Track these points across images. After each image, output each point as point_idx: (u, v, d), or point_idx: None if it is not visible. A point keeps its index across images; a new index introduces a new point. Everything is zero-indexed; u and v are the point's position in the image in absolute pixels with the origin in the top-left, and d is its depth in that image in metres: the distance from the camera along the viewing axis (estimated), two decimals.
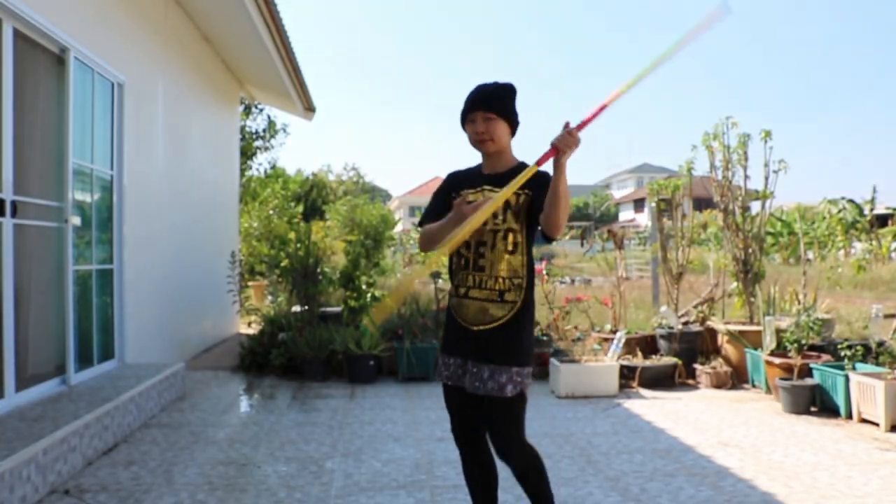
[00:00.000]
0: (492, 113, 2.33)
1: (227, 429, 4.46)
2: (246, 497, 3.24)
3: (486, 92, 2.36)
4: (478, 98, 2.35)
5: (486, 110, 2.33)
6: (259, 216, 13.19)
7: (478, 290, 2.33)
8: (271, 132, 14.42)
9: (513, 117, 2.39)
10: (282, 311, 7.07)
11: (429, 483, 3.44)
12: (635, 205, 52.85)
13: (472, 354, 2.35)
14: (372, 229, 9.89)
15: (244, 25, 6.57)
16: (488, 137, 2.34)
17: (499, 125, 2.35)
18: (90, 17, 4.72)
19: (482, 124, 2.34)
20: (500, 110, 2.35)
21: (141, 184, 5.59)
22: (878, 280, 13.81)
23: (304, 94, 9.28)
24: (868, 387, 4.50)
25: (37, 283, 4.17)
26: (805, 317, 5.33)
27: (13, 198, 3.78)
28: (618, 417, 4.82)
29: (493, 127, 2.34)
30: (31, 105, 4.08)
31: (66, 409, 3.80)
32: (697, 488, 3.37)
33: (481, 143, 2.37)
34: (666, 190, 7.11)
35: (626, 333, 6.22)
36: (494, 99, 2.35)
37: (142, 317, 5.59)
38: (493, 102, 2.34)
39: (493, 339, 2.32)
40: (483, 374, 2.31)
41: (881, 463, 3.75)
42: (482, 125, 2.33)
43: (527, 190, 2.30)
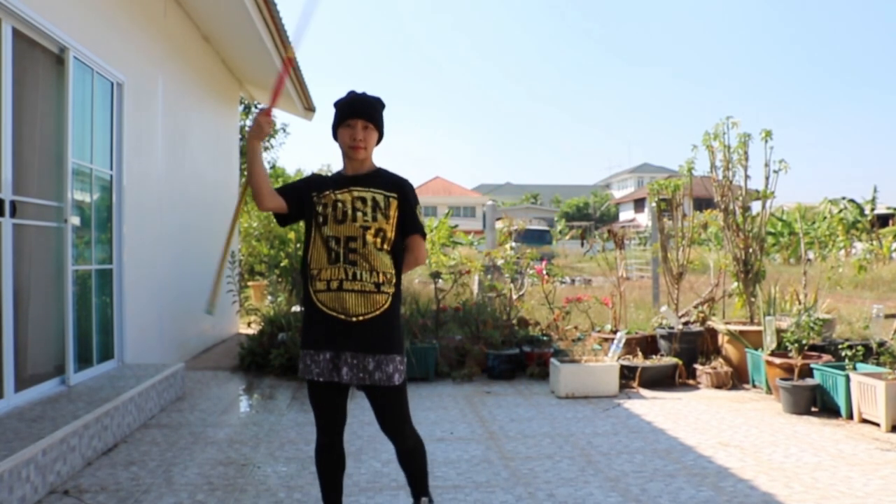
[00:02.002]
0: (370, 123, 2.48)
1: (227, 429, 4.45)
2: (246, 497, 3.23)
3: (367, 102, 2.49)
4: (359, 107, 2.48)
5: (366, 119, 2.48)
6: (259, 216, 13.19)
7: (352, 282, 2.39)
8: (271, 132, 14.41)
9: (382, 129, 2.56)
10: (281, 311, 7.06)
11: (429, 483, 3.43)
12: (635, 205, 52.84)
13: (350, 346, 2.39)
14: None
15: (244, 25, 6.57)
16: (363, 145, 2.48)
17: (373, 135, 2.50)
18: (90, 17, 4.72)
19: (361, 132, 2.47)
20: (376, 121, 2.50)
21: (140, 184, 5.58)
22: (879, 280, 13.81)
23: (304, 94, 9.28)
24: (869, 387, 4.50)
25: (36, 283, 4.16)
26: (806, 317, 5.32)
27: (12, 198, 3.77)
28: (618, 418, 4.81)
29: (369, 136, 2.49)
30: (30, 105, 4.08)
31: (66, 409, 3.79)
32: (698, 489, 3.37)
33: (355, 150, 2.48)
34: (666, 190, 7.11)
35: (627, 333, 6.21)
36: (374, 110, 2.50)
37: (141, 317, 5.58)
38: (373, 113, 2.50)
39: (375, 329, 2.41)
40: (367, 364, 2.40)
41: (882, 463, 3.74)
42: (361, 133, 2.47)
43: (394, 193, 2.48)
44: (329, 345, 2.42)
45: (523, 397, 5.45)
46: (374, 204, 2.45)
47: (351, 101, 2.50)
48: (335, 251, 2.42)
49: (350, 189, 2.47)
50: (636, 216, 50.18)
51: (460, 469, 3.64)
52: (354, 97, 2.51)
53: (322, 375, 2.42)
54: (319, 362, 2.43)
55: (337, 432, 2.54)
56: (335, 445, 2.55)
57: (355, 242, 2.41)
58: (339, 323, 2.40)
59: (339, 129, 2.50)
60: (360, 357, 2.40)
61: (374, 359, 2.40)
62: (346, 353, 2.40)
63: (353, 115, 2.46)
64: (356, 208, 2.43)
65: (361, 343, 2.40)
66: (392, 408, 2.49)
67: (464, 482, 3.44)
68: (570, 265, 20.98)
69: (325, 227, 2.44)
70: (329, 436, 2.53)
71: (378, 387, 2.42)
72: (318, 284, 2.44)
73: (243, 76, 9.25)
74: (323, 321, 2.43)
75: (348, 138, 2.47)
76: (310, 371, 2.45)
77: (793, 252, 22.30)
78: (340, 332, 2.40)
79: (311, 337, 2.47)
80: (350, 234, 2.41)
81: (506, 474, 3.59)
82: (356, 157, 2.49)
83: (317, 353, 2.44)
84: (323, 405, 2.51)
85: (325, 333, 2.42)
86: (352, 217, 2.42)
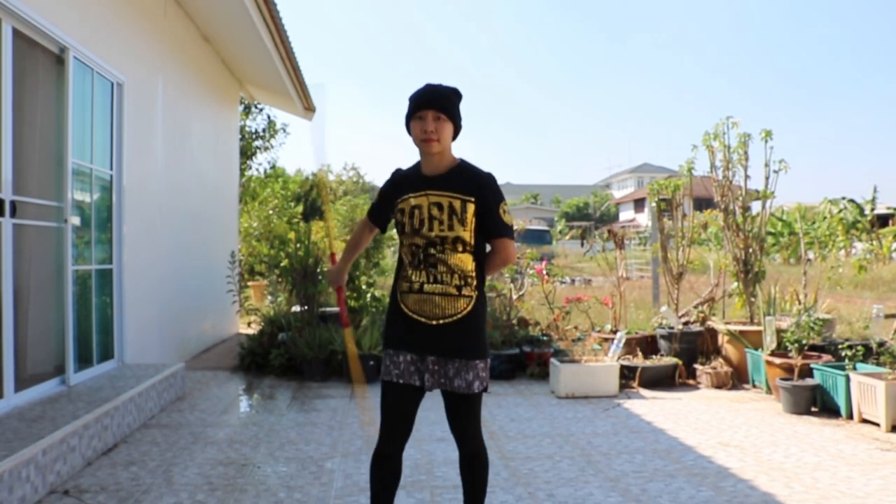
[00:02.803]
0: (442, 113, 2.34)
1: (227, 429, 4.45)
2: (246, 497, 3.23)
3: (438, 92, 2.37)
4: (430, 97, 2.35)
5: (437, 110, 2.34)
6: (259, 216, 13.19)
7: (433, 284, 2.33)
8: (271, 132, 14.40)
9: (458, 121, 2.41)
10: (281, 312, 7.06)
11: (429, 483, 3.44)
12: (635, 205, 52.83)
13: (432, 350, 2.33)
14: None
15: (244, 25, 6.57)
16: (435, 137, 2.33)
17: (447, 126, 2.36)
18: (90, 17, 4.72)
19: (432, 123, 2.33)
20: (449, 112, 2.36)
21: (140, 184, 5.58)
22: (879, 280, 13.82)
23: (303, 94, 9.28)
24: (869, 387, 4.50)
25: (36, 283, 4.16)
26: (806, 317, 5.32)
27: (12, 198, 3.77)
28: (618, 418, 4.81)
29: (442, 127, 2.35)
30: (30, 105, 4.08)
31: (66, 409, 3.79)
32: (698, 489, 3.37)
33: (427, 143, 2.35)
34: (666, 190, 7.11)
35: (627, 333, 6.21)
36: (445, 100, 2.36)
37: (141, 317, 5.58)
38: (445, 103, 2.35)
39: (456, 333, 2.33)
40: (448, 370, 2.33)
41: (882, 463, 3.74)
42: (432, 124, 2.33)
43: (471, 197, 2.35)
44: (410, 347, 2.35)
45: (523, 397, 5.45)
46: (450, 210, 2.34)
47: (421, 92, 2.38)
48: (417, 255, 2.37)
49: (426, 193, 2.37)
50: (636, 216, 50.16)
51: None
52: (426, 88, 2.40)
53: (402, 377, 2.35)
54: (399, 363, 2.36)
55: (401, 442, 2.41)
56: (395, 456, 2.41)
57: (434, 248, 2.34)
58: (421, 326, 2.34)
59: (410, 123, 2.40)
60: (441, 362, 2.33)
61: (455, 365, 2.32)
62: (428, 357, 2.34)
63: (422, 105, 2.34)
64: (432, 216, 2.34)
65: (443, 347, 2.32)
66: (466, 413, 2.40)
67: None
68: (570, 265, 20.99)
69: (404, 236, 2.39)
70: (393, 444, 2.39)
71: (457, 394, 2.34)
72: (403, 285, 2.40)
73: (243, 76, 9.25)
74: (405, 322, 2.37)
75: (419, 131, 2.35)
76: (389, 372, 2.37)
77: (793, 252, 22.30)
78: (422, 335, 2.34)
79: (392, 337, 2.41)
80: (427, 242, 2.35)
81: (506, 474, 3.58)
82: (430, 151, 2.37)
83: (396, 353, 2.37)
84: (395, 410, 2.39)
85: (407, 335, 2.36)
86: (428, 226, 2.34)
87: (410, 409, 2.40)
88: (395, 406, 2.39)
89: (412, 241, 2.37)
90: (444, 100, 2.35)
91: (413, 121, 2.37)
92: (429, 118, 2.33)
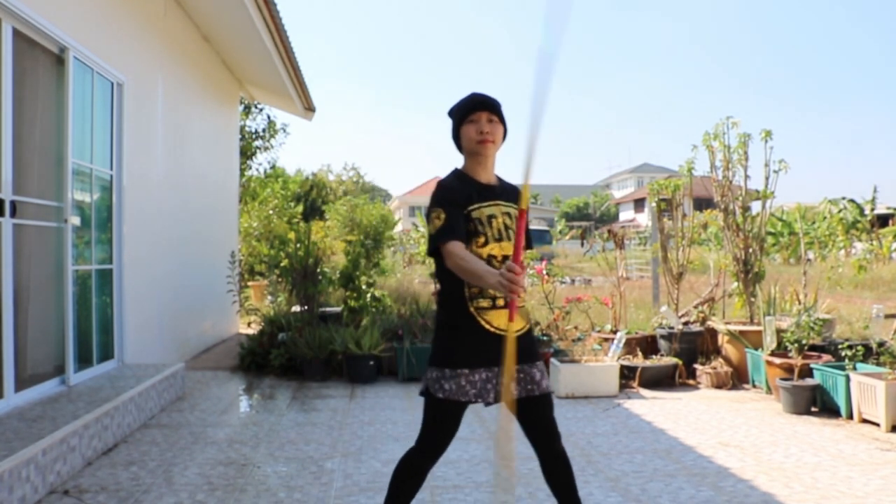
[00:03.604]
0: (495, 116, 2.37)
1: (227, 429, 4.45)
2: (246, 497, 3.23)
3: (489, 97, 2.41)
4: (484, 100, 2.39)
5: (490, 112, 2.36)
6: (259, 216, 13.20)
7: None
8: (271, 132, 14.41)
9: (507, 126, 2.44)
10: (282, 312, 7.07)
11: (429, 483, 3.44)
12: (635, 205, 52.85)
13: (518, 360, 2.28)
14: (372, 229, 9.88)
15: (244, 25, 6.57)
16: (491, 139, 2.35)
17: (499, 129, 2.38)
18: (90, 17, 4.72)
19: (487, 125, 2.35)
20: (501, 116, 2.40)
21: (140, 184, 5.59)
22: (879, 280, 13.81)
23: (303, 94, 9.28)
24: (869, 387, 4.50)
25: (36, 283, 4.16)
26: (806, 317, 5.32)
27: (12, 198, 3.77)
28: (618, 418, 4.81)
29: (496, 129, 2.37)
30: (30, 105, 4.08)
31: (66, 409, 3.79)
32: (698, 489, 3.37)
33: (484, 144, 2.34)
34: (666, 190, 7.11)
35: (627, 333, 6.21)
36: (497, 104, 2.40)
37: (141, 317, 5.58)
38: (497, 107, 2.39)
39: (529, 340, 2.40)
40: (534, 375, 2.36)
41: (882, 463, 3.74)
42: (488, 126, 2.35)
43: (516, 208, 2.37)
44: (491, 362, 2.30)
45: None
46: (514, 220, 2.36)
47: (471, 96, 2.41)
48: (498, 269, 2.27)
49: (496, 202, 2.38)
50: (636, 216, 50.18)
51: (460, 469, 3.64)
52: (473, 94, 2.43)
53: (479, 396, 2.31)
54: (476, 383, 2.30)
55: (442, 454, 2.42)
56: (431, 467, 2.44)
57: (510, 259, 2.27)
58: (498, 339, 2.26)
59: (462, 128, 2.38)
60: (526, 369, 2.35)
61: (539, 367, 2.38)
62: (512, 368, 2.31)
63: (476, 108, 2.36)
64: (507, 225, 2.36)
65: (525, 355, 2.34)
66: (550, 413, 2.41)
67: (464, 482, 3.44)
68: (569, 265, 20.99)
69: (487, 247, 2.32)
70: (436, 458, 2.40)
71: (546, 394, 2.37)
72: (482, 302, 2.31)
73: (243, 76, 9.25)
74: (486, 339, 2.30)
75: (474, 133, 2.34)
76: (465, 392, 2.29)
77: (793, 252, 22.31)
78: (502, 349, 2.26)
79: (467, 356, 2.31)
80: (507, 252, 2.34)
81: (506, 474, 3.58)
82: (486, 153, 2.35)
83: (472, 372, 2.30)
84: (455, 426, 2.37)
85: (487, 351, 2.30)
86: (507, 235, 2.35)
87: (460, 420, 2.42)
88: (454, 423, 2.38)
89: (495, 253, 2.33)
90: (496, 104, 2.40)
91: (465, 125, 2.37)
92: (483, 120, 2.35)
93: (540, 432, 2.40)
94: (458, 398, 2.30)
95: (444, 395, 2.30)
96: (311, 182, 33.67)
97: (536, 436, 2.41)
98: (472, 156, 2.40)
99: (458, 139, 2.43)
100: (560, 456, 2.42)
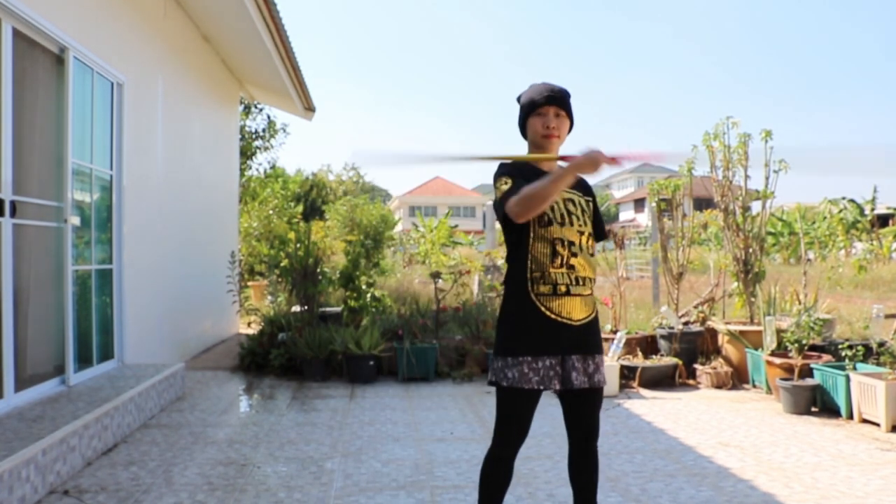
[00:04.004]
0: (563, 110, 2.38)
1: (227, 429, 4.45)
2: (246, 497, 3.23)
3: (560, 91, 2.40)
4: (555, 94, 2.37)
5: (558, 107, 2.37)
6: (259, 216, 13.20)
7: (577, 286, 2.32)
8: (271, 132, 14.40)
9: (573, 119, 2.44)
10: (282, 311, 7.06)
11: (429, 483, 3.44)
12: (635, 205, 52.84)
13: (575, 349, 2.31)
14: (372, 229, 9.88)
15: (244, 25, 6.57)
16: (557, 133, 2.36)
17: (566, 123, 2.40)
18: (90, 17, 4.72)
19: (554, 120, 2.36)
20: (568, 110, 2.41)
21: (140, 184, 5.58)
22: (879, 280, 13.81)
23: (303, 94, 9.28)
24: (869, 387, 4.50)
25: (36, 283, 4.16)
26: (806, 317, 5.32)
27: (12, 198, 3.77)
28: (618, 418, 4.81)
29: (562, 124, 2.38)
30: (30, 105, 4.08)
31: (66, 409, 3.79)
32: (698, 489, 3.36)
33: (549, 138, 2.36)
34: (666, 190, 7.11)
35: (627, 333, 6.21)
36: (565, 98, 2.39)
37: (141, 317, 5.58)
38: (566, 102, 2.39)
39: (592, 331, 2.37)
40: (588, 367, 2.33)
41: (882, 463, 3.74)
42: (554, 121, 2.36)
43: (588, 198, 2.44)
44: (552, 351, 2.30)
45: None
46: (581, 208, 2.37)
47: (541, 88, 2.39)
48: (561, 254, 2.30)
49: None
50: (636, 216, 50.17)
51: (460, 469, 3.64)
52: (546, 85, 2.41)
53: (542, 383, 2.30)
54: (539, 370, 2.29)
55: (520, 445, 2.41)
56: (513, 459, 2.41)
57: (575, 246, 2.32)
58: (565, 328, 2.29)
59: (529, 119, 2.39)
60: (584, 360, 2.32)
61: (595, 360, 2.35)
62: (571, 357, 2.31)
63: (545, 102, 2.36)
64: (570, 211, 2.34)
65: (585, 346, 2.33)
66: (596, 410, 2.42)
67: (464, 482, 3.44)
68: None
69: (551, 228, 2.30)
70: (513, 448, 2.39)
71: (596, 389, 2.36)
72: (542, 288, 2.30)
73: (243, 76, 9.25)
74: (547, 326, 2.29)
75: (541, 126, 2.35)
76: (528, 380, 2.29)
77: (793, 252, 22.30)
78: (567, 337, 2.30)
79: (529, 343, 2.30)
80: (571, 238, 2.32)
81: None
82: (549, 148, 2.36)
83: (535, 359, 2.29)
84: (526, 416, 2.36)
85: (549, 339, 2.29)
86: (569, 220, 2.32)
87: (532, 415, 2.39)
88: (524, 412, 2.37)
89: (559, 235, 2.30)
90: (564, 97, 2.38)
91: (532, 117, 2.38)
92: (550, 114, 2.36)
93: (580, 427, 2.41)
94: (521, 385, 2.30)
95: (507, 383, 2.32)
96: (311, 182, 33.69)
97: (575, 430, 2.42)
98: (536, 147, 2.42)
99: (524, 127, 2.44)
100: (591, 455, 2.43)
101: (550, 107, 2.36)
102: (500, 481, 2.41)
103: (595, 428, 2.43)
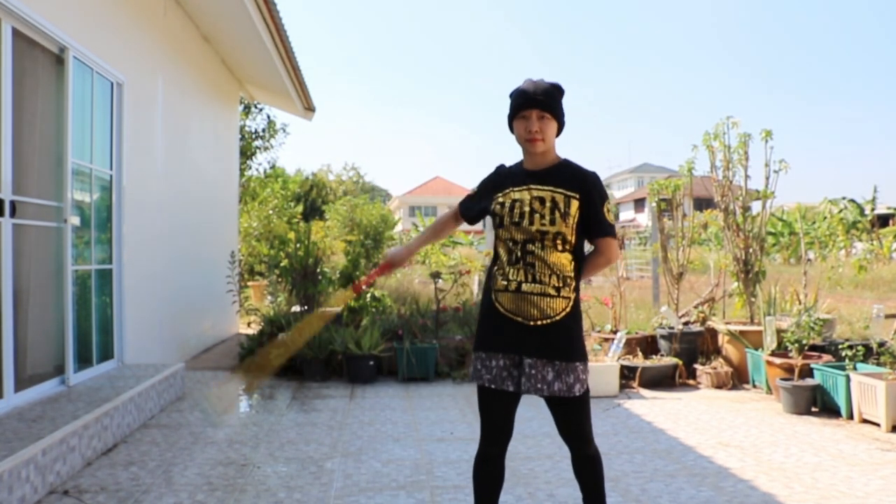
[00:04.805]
0: (546, 112, 2.30)
1: (227, 429, 4.45)
2: (245, 497, 3.23)
3: (542, 90, 2.31)
4: (533, 96, 2.29)
5: (542, 109, 2.29)
6: (259, 216, 13.20)
7: (531, 284, 2.26)
8: (271, 132, 14.41)
9: (562, 118, 2.36)
10: (281, 311, 7.06)
11: (429, 483, 3.44)
12: (635, 205, 52.85)
13: (530, 352, 2.25)
14: (372, 229, 9.89)
15: (244, 25, 6.57)
16: (540, 137, 2.29)
17: (551, 125, 2.32)
18: (89, 17, 4.72)
19: (536, 123, 2.29)
20: (553, 110, 2.31)
21: (140, 184, 5.58)
22: (879, 280, 13.82)
23: (303, 94, 9.28)
24: (869, 387, 4.49)
25: (36, 283, 4.16)
26: (806, 317, 5.31)
27: (12, 198, 3.77)
28: (618, 418, 4.81)
29: (546, 126, 2.30)
30: (29, 104, 4.08)
31: (66, 409, 3.79)
32: (698, 489, 3.36)
33: (532, 143, 2.30)
34: (666, 190, 7.11)
35: (627, 333, 6.21)
36: (549, 98, 2.30)
37: (141, 317, 5.58)
38: (549, 101, 2.30)
39: (555, 334, 2.25)
40: (546, 374, 2.25)
41: (882, 463, 3.74)
42: (536, 124, 2.29)
43: (576, 193, 2.29)
44: (504, 349, 2.28)
45: (523, 397, 5.44)
46: (552, 205, 2.27)
47: (523, 90, 2.32)
48: (514, 252, 2.30)
49: (528, 187, 2.32)
50: (636, 216, 50.19)
51: (460, 469, 3.64)
52: (527, 85, 2.33)
53: (493, 382, 2.28)
54: (492, 368, 2.30)
55: (502, 443, 2.38)
56: (498, 458, 2.39)
57: (533, 244, 2.27)
58: (518, 327, 2.26)
59: (513, 122, 2.35)
60: (539, 365, 2.25)
61: (555, 367, 2.25)
62: (525, 360, 2.26)
63: (526, 105, 2.28)
64: (534, 209, 2.28)
65: (541, 349, 2.24)
66: (572, 419, 2.34)
67: (464, 482, 3.44)
68: None
69: (502, 230, 2.33)
70: (493, 446, 2.37)
71: (557, 398, 2.28)
72: (499, 283, 2.32)
73: (243, 76, 9.25)
74: (500, 323, 2.28)
75: (523, 131, 2.30)
76: (481, 377, 2.31)
77: (793, 252, 22.31)
78: (518, 337, 2.26)
79: (484, 339, 2.32)
80: (527, 237, 2.28)
81: (506, 474, 3.58)
82: (534, 151, 2.32)
83: (489, 357, 2.30)
84: (491, 413, 2.35)
85: (501, 336, 2.28)
86: (529, 220, 2.27)
87: (505, 413, 2.36)
88: (489, 410, 2.36)
89: (511, 235, 2.30)
90: (548, 98, 2.29)
91: (517, 120, 2.33)
92: (533, 118, 2.29)
93: (566, 433, 2.40)
94: (475, 381, 2.34)
95: (471, 378, 2.37)
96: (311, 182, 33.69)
97: (562, 435, 2.42)
98: (523, 148, 2.39)
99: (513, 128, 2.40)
100: (587, 458, 2.40)
101: (533, 110, 2.29)
102: (488, 479, 2.41)
103: (581, 435, 2.37)
